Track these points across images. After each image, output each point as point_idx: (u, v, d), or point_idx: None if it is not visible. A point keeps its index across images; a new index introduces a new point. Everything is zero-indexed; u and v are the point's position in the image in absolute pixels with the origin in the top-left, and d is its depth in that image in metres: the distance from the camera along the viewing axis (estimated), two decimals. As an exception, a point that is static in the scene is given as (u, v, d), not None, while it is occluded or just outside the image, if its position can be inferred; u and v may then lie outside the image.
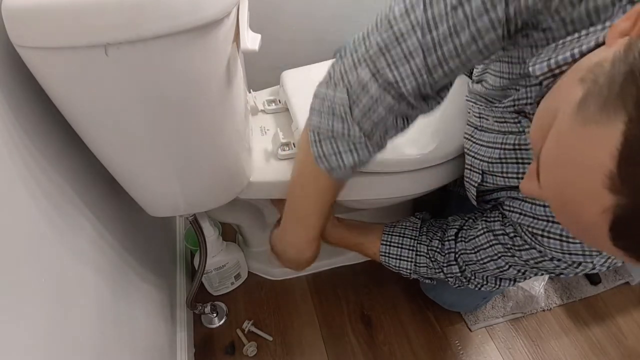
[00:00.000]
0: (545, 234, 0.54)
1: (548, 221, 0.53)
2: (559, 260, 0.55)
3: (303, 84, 0.78)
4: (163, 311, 0.75)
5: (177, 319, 0.82)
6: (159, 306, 0.74)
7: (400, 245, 0.71)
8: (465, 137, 0.63)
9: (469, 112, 0.63)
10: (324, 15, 1.10)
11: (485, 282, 0.68)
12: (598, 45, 0.35)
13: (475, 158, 0.60)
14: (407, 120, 0.53)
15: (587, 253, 0.53)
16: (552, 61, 0.38)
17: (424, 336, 0.90)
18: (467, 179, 0.63)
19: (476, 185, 0.61)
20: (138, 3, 0.36)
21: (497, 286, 0.68)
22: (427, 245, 0.69)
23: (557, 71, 0.38)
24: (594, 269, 0.55)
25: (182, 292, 0.87)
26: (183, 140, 0.51)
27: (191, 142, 0.51)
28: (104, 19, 0.36)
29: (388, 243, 0.72)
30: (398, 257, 0.71)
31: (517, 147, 0.54)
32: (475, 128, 0.60)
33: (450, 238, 0.67)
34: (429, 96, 0.51)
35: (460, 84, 0.77)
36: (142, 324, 0.63)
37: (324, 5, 1.07)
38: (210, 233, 0.79)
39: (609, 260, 0.54)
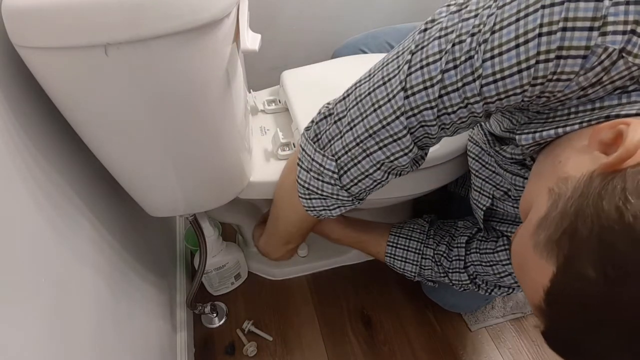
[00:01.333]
0: None
1: None
2: None
3: (303, 84, 0.78)
4: (163, 311, 0.75)
5: (177, 319, 0.82)
6: (159, 306, 0.74)
7: (406, 248, 0.71)
8: (471, 157, 0.62)
9: (472, 130, 0.62)
10: (324, 16, 1.10)
11: (496, 288, 0.67)
12: (582, 127, 0.36)
13: (487, 183, 0.59)
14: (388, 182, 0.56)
15: None
16: (537, 135, 0.40)
17: (424, 336, 0.90)
18: (475, 201, 0.62)
19: (484, 209, 0.60)
20: (138, 3, 0.36)
21: (509, 291, 0.68)
22: (434, 249, 0.69)
23: (541, 142, 0.40)
24: None
25: (182, 292, 0.87)
26: (183, 141, 0.51)
27: (191, 142, 0.51)
28: (104, 19, 0.36)
29: (394, 245, 0.71)
30: (403, 259, 0.71)
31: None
32: (482, 149, 0.59)
33: (459, 245, 0.66)
34: (420, 157, 0.53)
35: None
36: (142, 324, 0.63)
37: (324, 5, 1.08)
38: (210, 233, 0.79)
39: None
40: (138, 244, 0.70)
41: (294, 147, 0.71)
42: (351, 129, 0.49)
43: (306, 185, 0.56)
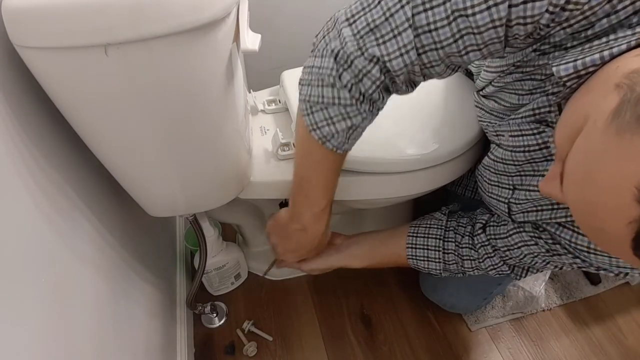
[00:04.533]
0: (592, 251, 0.52)
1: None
2: (604, 269, 0.54)
3: (303, 84, 0.78)
4: (163, 311, 0.75)
5: (177, 318, 0.82)
6: (159, 306, 0.74)
7: (426, 247, 0.69)
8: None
9: (486, 131, 0.61)
10: (323, 17, 1.09)
11: (532, 269, 0.65)
12: (630, 48, 0.34)
13: (503, 175, 0.58)
14: (392, 94, 0.52)
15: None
16: (579, 62, 0.37)
17: (424, 336, 0.90)
18: (496, 197, 0.60)
19: (506, 201, 0.58)
20: (138, 3, 0.36)
21: (542, 269, 0.65)
22: (456, 243, 0.67)
23: (582, 72, 0.37)
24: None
25: (182, 292, 0.88)
26: (183, 141, 0.51)
27: (191, 142, 0.51)
28: (104, 19, 0.36)
29: (413, 246, 0.70)
30: (425, 258, 0.69)
31: (547, 157, 0.51)
32: (497, 145, 0.58)
33: (477, 233, 0.65)
34: (415, 82, 0.49)
35: (459, 85, 0.77)
36: (142, 323, 0.63)
37: (323, 7, 1.08)
38: (210, 233, 0.79)
39: None
40: (138, 244, 0.70)
41: (294, 147, 0.71)
42: (350, 25, 0.46)
43: (307, 98, 0.52)
